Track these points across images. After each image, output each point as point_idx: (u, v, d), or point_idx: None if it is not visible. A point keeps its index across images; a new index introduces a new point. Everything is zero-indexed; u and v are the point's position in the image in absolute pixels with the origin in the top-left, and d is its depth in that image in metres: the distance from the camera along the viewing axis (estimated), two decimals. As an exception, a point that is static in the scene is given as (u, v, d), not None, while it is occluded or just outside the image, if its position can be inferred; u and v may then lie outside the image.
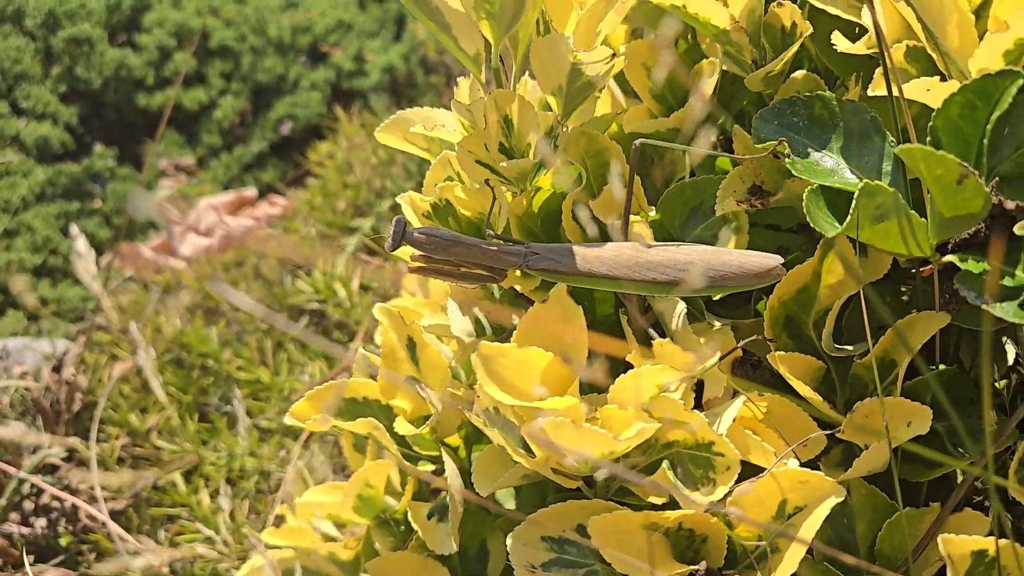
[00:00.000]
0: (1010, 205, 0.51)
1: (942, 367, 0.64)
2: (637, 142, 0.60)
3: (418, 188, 1.70)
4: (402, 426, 0.69)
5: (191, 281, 1.53)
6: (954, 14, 0.57)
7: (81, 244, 1.42)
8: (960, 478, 0.71)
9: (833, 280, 0.62)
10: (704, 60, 0.71)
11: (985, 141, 0.54)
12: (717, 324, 0.66)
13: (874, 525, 0.61)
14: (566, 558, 0.59)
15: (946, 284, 0.58)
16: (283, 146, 2.31)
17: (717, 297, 0.69)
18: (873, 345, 0.61)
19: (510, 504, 0.83)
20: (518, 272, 0.64)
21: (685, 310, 0.64)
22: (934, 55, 0.58)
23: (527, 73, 0.69)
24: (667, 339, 0.56)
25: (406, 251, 0.71)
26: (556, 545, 0.60)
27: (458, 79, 0.70)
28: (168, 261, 1.84)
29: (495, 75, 0.64)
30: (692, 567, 0.54)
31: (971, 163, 0.51)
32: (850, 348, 0.63)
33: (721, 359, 0.60)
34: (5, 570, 1.18)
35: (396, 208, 1.63)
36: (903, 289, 0.73)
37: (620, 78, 0.79)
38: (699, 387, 0.65)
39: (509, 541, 0.60)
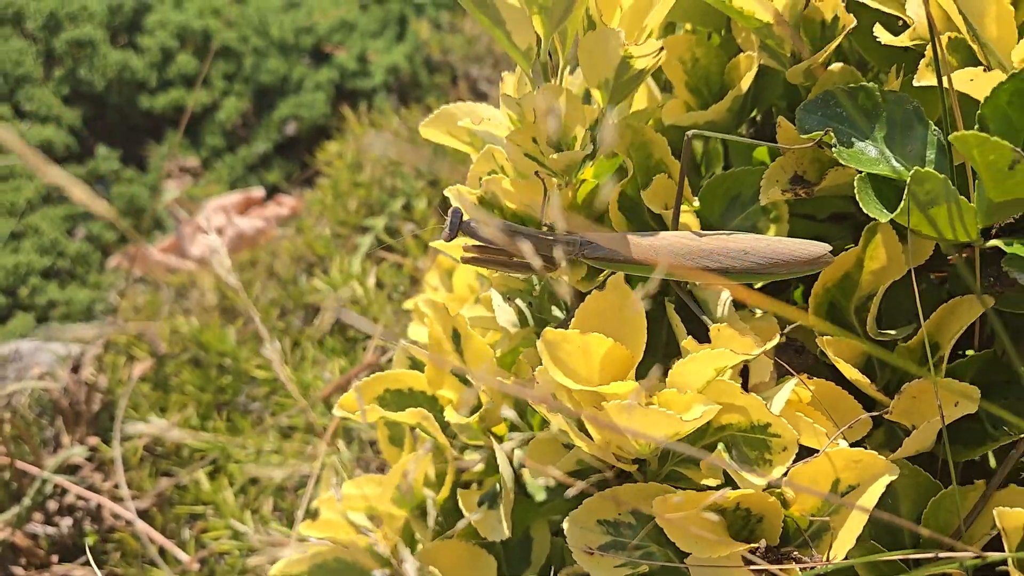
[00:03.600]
0: (1059, 190, 0.52)
1: (976, 352, 0.66)
2: (689, 134, 0.61)
3: (430, 186, 1.71)
4: (452, 415, 0.70)
5: (208, 282, 1.53)
6: (993, 6, 0.59)
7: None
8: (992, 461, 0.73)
9: (876, 267, 0.64)
10: (741, 54, 0.73)
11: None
12: (759, 312, 0.68)
13: (919, 504, 0.63)
14: (622, 540, 0.61)
15: (989, 268, 0.60)
16: (288, 146, 2.32)
17: (758, 285, 0.71)
18: (914, 330, 0.63)
19: (540, 498, 0.84)
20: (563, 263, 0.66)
21: (730, 298, 0.65)
22: (974, 46, 0.59)
23: (567, 69, 0.71)
24: (724, 324, 0.57)
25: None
26: (612, 528, 0.61)
27: (473, 76, 0.71)
28: (178, 262, 1.84)
29: (542, 69, 0.65)
30: (752, 544, 0.55)
31: (1021, 149, 0.53)
32: (893, 332, 0.64)
33: (769, 346, 0.62)
34: (30, 570, 1.19)
35: (408, 207, 1.64)
36: (932, 276, 0.74)
37: (654, 72, 0.80)
38: (743, 373, 0.66)
39: (566, 525, 0.61)
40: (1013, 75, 0.52)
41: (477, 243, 0.62)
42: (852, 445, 0.62)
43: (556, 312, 0.75)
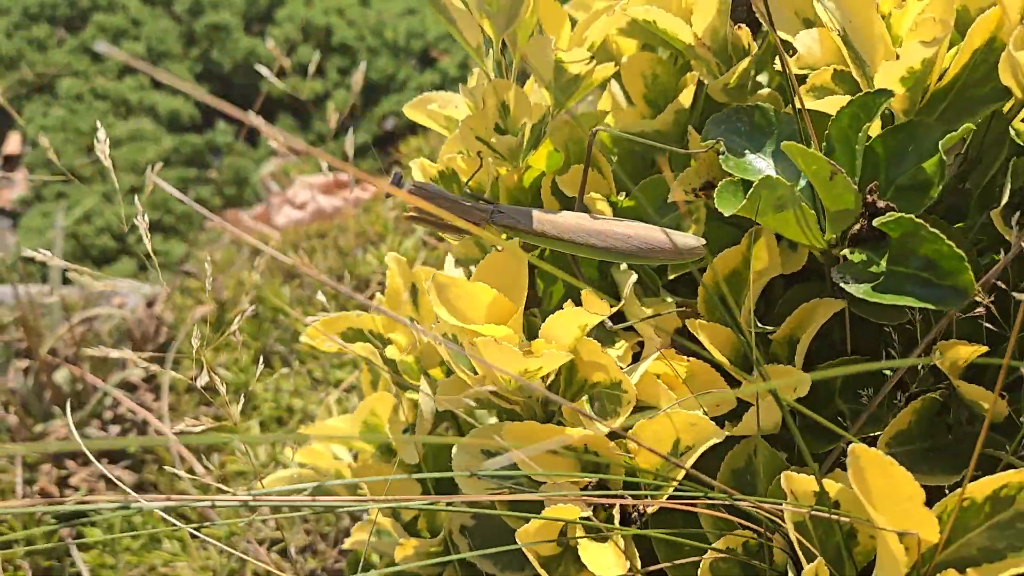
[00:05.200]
0: (881, 204, 0.60)
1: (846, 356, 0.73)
2: (593, 130, 0.71)
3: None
4: (392, 352, 0.82)
5: (277, 245, 1.70)
6: (880, 46, 0.66)
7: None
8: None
9: (760, 267, 0.72)
10: (688, 74, 0.82)
11: (880, 151, 0.63)
12: (669, 299, 0.77)
13: (774, 481, 0.70)
14: (505, 472, 0.71)
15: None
16: (384, 140, 2.50)
17: (672, 277, 0.79)
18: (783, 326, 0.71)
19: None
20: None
21: (635, 279, 0.75)
22: (860, 80, 0.67)
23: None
24: (591, 291, 0.67)
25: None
26: (491, 457, 0.71)
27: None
28: (266, 229, 2.03)
29: (498, 67, 0.77)
30: (587, 479, 0.65)
31: (853, 166, 0.61)
32: (768, 328, 0.72)
33: (652, 318, 0.71)
34: (80, 466, 1.37)
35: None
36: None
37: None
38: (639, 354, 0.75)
39: (454, 451, 0.72)
40: (851, 100, 0.60)
41: (417, 205, 0.74)
42: (718, 420, 0.70)
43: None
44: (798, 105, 0.62)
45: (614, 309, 0.65)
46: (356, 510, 1.10)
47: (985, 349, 0.63)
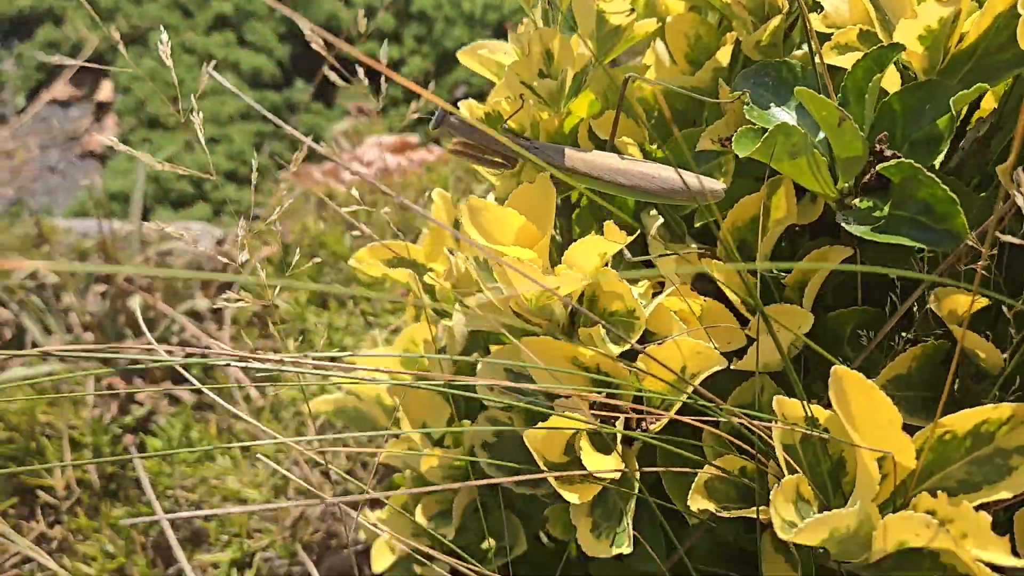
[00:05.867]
0: (888, 153, 0.63)
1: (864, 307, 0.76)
2: (627, 76, 0.76)
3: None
4: (431, 279, 0.88)
5: (343, 197, 1.79)
6: (908, 6, 0.69)
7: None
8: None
9: (779, 215, 0.76)
10: (728, 34, 0.86)
11: (898, 108, 0.67)
12: (693, 245, 0.82)
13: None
14: (518, 385, 0.76)
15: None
16: (453, 106, 2.56)
17: (698, 225, 0.84)
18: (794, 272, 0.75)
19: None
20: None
21: (661, 221, 0.79)
22: (884, 38, 0.70)
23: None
24: (613, 223, 0.71)
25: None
26: (513, 376, 0.77)
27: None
28: (334, 184, 2.12)
29: (545, 16, 0.82)
30: (596, 396, 0.70)
31: (863, 116, 0.64)
32: (783, 272, 0.76)
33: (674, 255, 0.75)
34: (148, 383, 1.47)
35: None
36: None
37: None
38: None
39: (479, 367, 0.78)
40: (865, 54, 0.64)
41: (460, 139, 0.80)
42: (728, 355, 0.75)
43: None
44: (817, 61, 0.65)
45: (631, 238, 0.69)
46: (390, 434, 1.17)
47: (986, 302, 0.67)
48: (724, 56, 0.84)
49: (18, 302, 1.57)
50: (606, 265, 0.72)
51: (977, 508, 0.54)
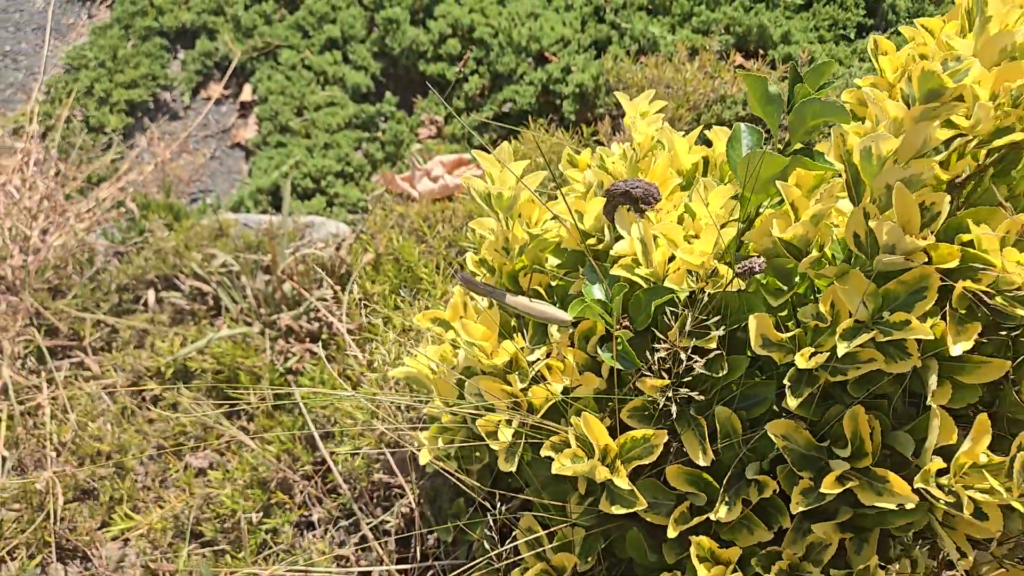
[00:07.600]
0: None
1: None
2: (531, 246, 1.67)
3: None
4: (453, 335, 1.83)
5: (414, 216, 2.72)
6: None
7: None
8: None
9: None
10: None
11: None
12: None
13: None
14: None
15: None
16: (501, 119, 3.42)
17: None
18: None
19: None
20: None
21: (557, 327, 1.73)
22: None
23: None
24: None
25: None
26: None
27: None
28: (409, 191, 3.04)
29: (504, 222, 1.73)
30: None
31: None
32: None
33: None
34: (292, 342, 2.47)
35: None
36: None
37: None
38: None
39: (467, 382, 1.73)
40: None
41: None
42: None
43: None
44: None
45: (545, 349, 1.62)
46: (430, 397, 2.14)
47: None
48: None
49: (216, 282, 2.58)
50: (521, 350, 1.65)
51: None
